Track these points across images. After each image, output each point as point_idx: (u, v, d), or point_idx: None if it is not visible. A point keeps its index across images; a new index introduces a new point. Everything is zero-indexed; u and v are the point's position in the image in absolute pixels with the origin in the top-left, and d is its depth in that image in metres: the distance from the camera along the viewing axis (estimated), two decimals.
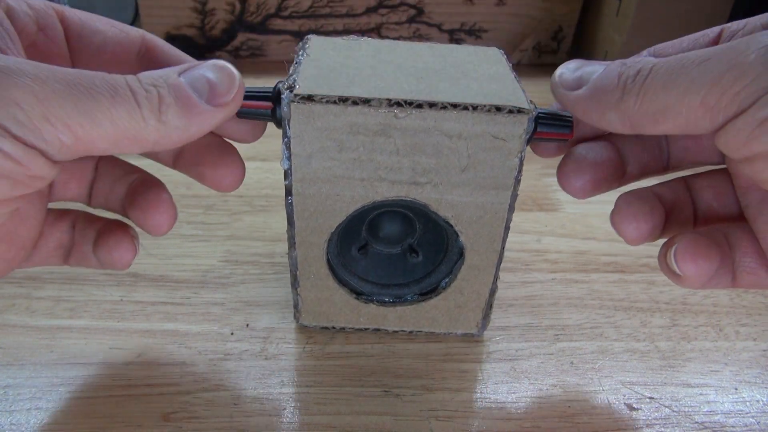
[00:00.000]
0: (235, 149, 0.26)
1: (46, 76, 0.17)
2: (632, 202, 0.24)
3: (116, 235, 0.25)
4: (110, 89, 0.18)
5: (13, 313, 0.31)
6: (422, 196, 0.25)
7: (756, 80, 0.16)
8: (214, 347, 0.30)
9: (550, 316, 0.33)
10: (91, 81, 0.18)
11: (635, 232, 0.23)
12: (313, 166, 0.24)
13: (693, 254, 0.22)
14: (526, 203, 0.43)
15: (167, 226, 0.25)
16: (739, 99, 0.17)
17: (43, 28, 0.22)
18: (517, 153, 0.23)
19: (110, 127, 0.18)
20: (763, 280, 0.22)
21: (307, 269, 0.28)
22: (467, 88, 0.23)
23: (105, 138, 0.18)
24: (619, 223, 0.24)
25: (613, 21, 0.63)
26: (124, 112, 0.18)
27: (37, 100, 0.17)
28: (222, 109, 0.20)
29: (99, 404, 0.26)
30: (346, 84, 0.23)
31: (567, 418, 0.27)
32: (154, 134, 0.19)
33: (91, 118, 0.17)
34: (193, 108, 0.19)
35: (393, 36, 0.67)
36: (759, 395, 0.29)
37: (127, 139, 0.18)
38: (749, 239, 0.22)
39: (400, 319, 0.30)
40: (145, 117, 0.18)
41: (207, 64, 0.20)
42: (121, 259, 0.25)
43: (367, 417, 0.27)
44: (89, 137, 0.18)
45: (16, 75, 0.17)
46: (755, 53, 0.16)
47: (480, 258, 0.27)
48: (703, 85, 0.17)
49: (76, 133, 0.17)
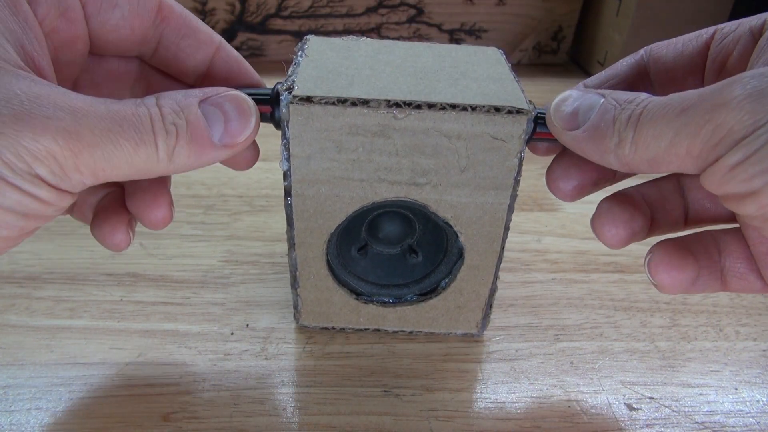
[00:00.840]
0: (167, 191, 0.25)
1: (80, 122, 0.18)
2: (611, 208, 0.24)
3: (112, 221, 0.25)
4: (135, 131, 0.19)
5: (13, 313, 0.31)
6: (422, 197, 0.25)
7: (730, 132, 0.17)
8: (214, 347, 0.30)
9: (550, 316, 0.33)
10: (120, 125, 0.19)
11: (614, 238, 0.24)
12: (312, 167, 0.24)
13: (667, 265, 0.22)
14: (526, 203, 0.43)
15: (162, 223, 0.25)
16: (717, 150, 0.18)
17: (64, 11, 0.22)
18: (516, 153, 0.23)
19: (126, 167, 0.19)
20: (752, 284, 0.23)
21: (307, 270, 0.28)
22: (466, 89, 0.23)
23: (119, 175, 0.19)
24: (598, 228, 0.24)
25: (613, 21, 0.63)
26: (144, 156, 0.19)
27: (72, 154, 0.18)
28: (232, 150, 0.21)
29: (99, 404, 0.27)
30: (345, 85, 0.23)
31: (567, 418, 0.27)
32: (161, 170, 0.20)
33: (114, 164, 0.19)
34: (206, 145, 0.20)
35: (393, 36, 0.67)
36: (759, 395, 0.29)
37: (136, 174, 0.20)
38: (739, 243, 0.23)
39: (400, 319, 0.30)
40: (159, 158, 0.19)
41: (229, 96, 0.21)
42: (115, 246, 0.25)
43: (367, 417, 0.27)
44: (106, 177, 0.19)
45: (53, 123, 0.17)
46: (734, 102, 0.17)
47: (480, 258, 0.27)
48: (686, 136, 0.18)
49: (98, 176, 0.19)
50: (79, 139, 0.18)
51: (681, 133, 0.18)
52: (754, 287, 0.23)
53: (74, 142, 0.18)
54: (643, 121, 0.19)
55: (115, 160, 0.19)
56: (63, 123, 0.18)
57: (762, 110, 0.17)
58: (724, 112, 0.18)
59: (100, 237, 0.25)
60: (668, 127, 0.19)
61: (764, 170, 0.17)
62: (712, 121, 0.18)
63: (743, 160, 0.17)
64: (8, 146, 0.17)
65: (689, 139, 0.18)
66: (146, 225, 0.25)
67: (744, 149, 0.17)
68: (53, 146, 0.17)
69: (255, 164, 0.26)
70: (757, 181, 0.17)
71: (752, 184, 0.17)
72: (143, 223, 0.25)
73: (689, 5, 0.59)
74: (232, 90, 0.22)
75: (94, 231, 0.25)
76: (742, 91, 0.17)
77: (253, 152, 0.25)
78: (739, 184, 0.18)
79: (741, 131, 0.17)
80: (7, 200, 0.18)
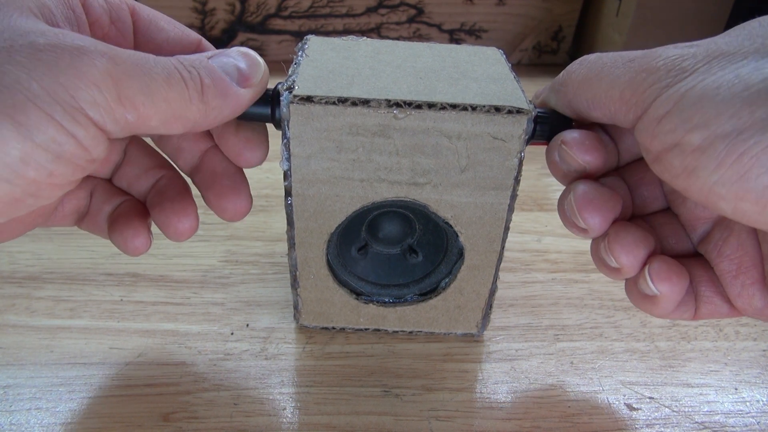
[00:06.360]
0: (245, 184, 0.26)
1: (117, 55, 0.18)
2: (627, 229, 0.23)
3: (134, 224, 0.25)
4: (164, 71, 0.19)
5: (13, 313, 0.31)
6: (422, 197, 0.25)
7: (657, 82, 0.18)
8: (214, 347, 0.30)
9: (550, 316, 0.33)
10: (149, 62, 0.19)
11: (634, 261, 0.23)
12: (312, 167, 0.24)
13: (668, 272, 0.22)
14: (526, 203, 0.43)
15: (188, 234, 0.25)
16: (644, 97, 0.19)
17: (115, 21, 0.23)
18: (516, 153, 0.23)
19: (164, 105, 0.19)
20: (719, 308, 0.23)
21: (307, 270, 0.28)
22: (466, 89, 0.23)
23: (158, 116, 0.19)
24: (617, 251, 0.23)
25: (613, 21, 0.63)
26: (177, 92, 0.19)
27: (112, 81, 0.17)
28: (251, 91, 0.21)
29: (99, 404, 0.27)
30: (345, 85, 0.23)
31: (567, 418, 0.27)
32: (195, 113, 0.20)
33: (151, 98, 0.18)
34: (227, 89, 0.20)
35: (393, 36, 0.67)
36: (759, 395, 0.29)
37: (174, 118, 0.19)
38: (704, 269, 0.23)
39: (400, 319, 0.30)
40: (191, 97, 0.19)
41: (232, 51, 0.22)
42: (136, 250, 0.25)
43: (367, 417, 0.27)
44: (147, 115, 0.18)
45: (93, 55, 0.17)
46: (663, 59, 0.19)
47: (480, 258, 0.27)
48: (623, 81, 0.20)
49: (139, 111, 0.18)
50: (117, 65, 0.17)
51: (620, 78, 0.20)
52: (721, 311, 0.23)
53: (113, 67, 0.17)
54: (592, 63, 0.22)
55: (152, 92, 0.18)
56: (102, 53, 0.17)
57: (687, 66, 0.18)
58: (656, 64, 0.19)
59: (120, 241, 0.25)
60: (612, 71, 0.20)
61: (684, 120, 0.17)
62: (644, 71, 0.19)
63: (668, 111, 0.18)
64: (49, 75, 0.16)
65: (625, 84, 0.20)
66: (170, 235, 0.25)
67: (668, 100, 0.18)
68: (94, 73, 0.17)
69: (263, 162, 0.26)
70: (679, 131, 0.18)
71: (675, 135, 0.18)
72: (167, 232, 0.25)
73: (689, 5, 0.59)
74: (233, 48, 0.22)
75: (114, 235, 0.25)
76: (676, 51, 0.19)
77: (264, 145, 0.25)
78: (665, 136, 0.18)
79: (666, 80, 0.18)
80: (42, 135, 0.16)
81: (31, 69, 0.16)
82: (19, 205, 0.18)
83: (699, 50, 0.18)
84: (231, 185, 0.25)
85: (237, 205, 0.25)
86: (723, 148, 0.17)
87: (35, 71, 0.16)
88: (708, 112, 0.17)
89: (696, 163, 0.17)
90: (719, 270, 0.23)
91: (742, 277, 0.22)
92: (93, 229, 0.26)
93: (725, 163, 0.17)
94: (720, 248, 0.23)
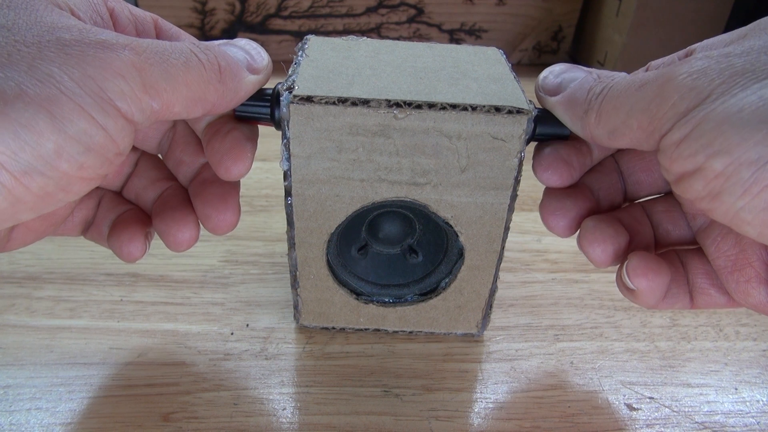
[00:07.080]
0: (235, 198, 0.25)
1: (138, 45, 0.18)
2: (597, 225, 0.24)
3: (130, 230, 0.25)
4: (182, 55, 0.19)
5: (13, 313, 0.31)
6: (422, 197, 0.25)
7: (673, 107, 0.18)
8: (214, 347, 0.30)
9: (550, 316, 0.33)
10: (167, 49, 0.19)
11: (603, 255, 0.24)
12: (312, 167, 0.24)
13: (645, 268, 0.22)
14: (526, 203, 0.43)
15: (187, 244, 0.25)
16: (662, 124, 0.18)
17: (141, 34, 0.23)
18: (516, 153, 0.23)
19: (185, 90, 0.19)
20: (715, 299, 0.24)
21: (307, 270, 0.28)
22: (466, 89, 0.23)
23: (180, 101, 0.19)
24: (587, 246, 0.24)
25: (613, 21, 0.63)
26: (196, 76, 0.19)
27: (136, 71, 0.18)
28: (259, 76, 0.22)
29: (99, 404, 0.27)
30: (345, 85, 0.23)
31: (567, 418, 0.27)
32: (214, 94, 0.20)
33: (173, 83, 0.19)
34: (240, 72, 0.21)
35: (393, 36, 0.67)
36: (759, 395, 0.29)
37: (194, 101, 0.20)
38: (701, 261, 0.24)
39: (400, 319, 0.30)
40: (210, 79, 0.20)
41: (239, 40, 0.23)
42: (129, 255, 0.25)
43: (367, 417, 0.27)
44: (170, 101, 0.19)
45: (116, 48, 0.18)
46: (676, 82, 0.18)
47: (480, 258, 0.27)
48: (639, 110, 0.19)
49: (162, 98, 0.19)
50: (139, 55, 0.18)
51: (635, 107, 0.19)
52: (717, 302, 0.24)
53: (136, 58, 0.18)
54: (610, 94, 0.20)
55: (173, 77, 0.19)
56: (124, 45, 0.18)
57: (703, 86, 0.17)
58: (670, 88, 0.18)
59: (116, 245, 0.25)
60: (627, 100, 0.20)
61: (705, 144, 0.17)
62: (659, 96, 0.18)
63: (687, 135, 0.17)
64: (78, 68, 0.17)
65: (640, 113, 0.19)
66: (169, 244, 0.25)
67: (687, 125, 0.17)
68: (119, 65, 0.17)
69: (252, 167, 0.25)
70: (700, 156, 0.17)
71: (696, 160, 0.17)
72: (167, 241, 0.25)
73: (689, 5, 0.59)
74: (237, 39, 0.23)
75: (111, 239, 0.25)
76: (688, 69, 0.18)
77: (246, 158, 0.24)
78: (685, 160, 0.18)
79: (683, 105, 0.18)
80: (74, 127, 0.17)
81: (62, 63, 0.17)
82: (50, 199, 0.18)
83: (711, 64, 0.18)
84: (219, 194, 0.25)
85: (221, 213, 0.25)
86: (749, 176, 0.16)
87: (65, 65, 0.17)
88: (731, 137, 0.16)
89: (720, 189, 0.17)
90: (716, 265, 0.23)
91: (737, 274, 0.22)
92: (96, 238, 0.26)
93: (751, 192, 0.16)
94: (718, 244, 0.23)
